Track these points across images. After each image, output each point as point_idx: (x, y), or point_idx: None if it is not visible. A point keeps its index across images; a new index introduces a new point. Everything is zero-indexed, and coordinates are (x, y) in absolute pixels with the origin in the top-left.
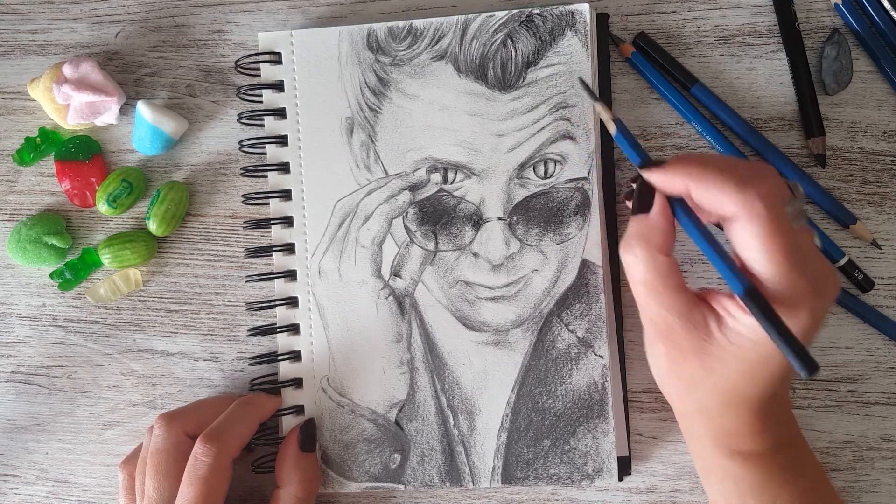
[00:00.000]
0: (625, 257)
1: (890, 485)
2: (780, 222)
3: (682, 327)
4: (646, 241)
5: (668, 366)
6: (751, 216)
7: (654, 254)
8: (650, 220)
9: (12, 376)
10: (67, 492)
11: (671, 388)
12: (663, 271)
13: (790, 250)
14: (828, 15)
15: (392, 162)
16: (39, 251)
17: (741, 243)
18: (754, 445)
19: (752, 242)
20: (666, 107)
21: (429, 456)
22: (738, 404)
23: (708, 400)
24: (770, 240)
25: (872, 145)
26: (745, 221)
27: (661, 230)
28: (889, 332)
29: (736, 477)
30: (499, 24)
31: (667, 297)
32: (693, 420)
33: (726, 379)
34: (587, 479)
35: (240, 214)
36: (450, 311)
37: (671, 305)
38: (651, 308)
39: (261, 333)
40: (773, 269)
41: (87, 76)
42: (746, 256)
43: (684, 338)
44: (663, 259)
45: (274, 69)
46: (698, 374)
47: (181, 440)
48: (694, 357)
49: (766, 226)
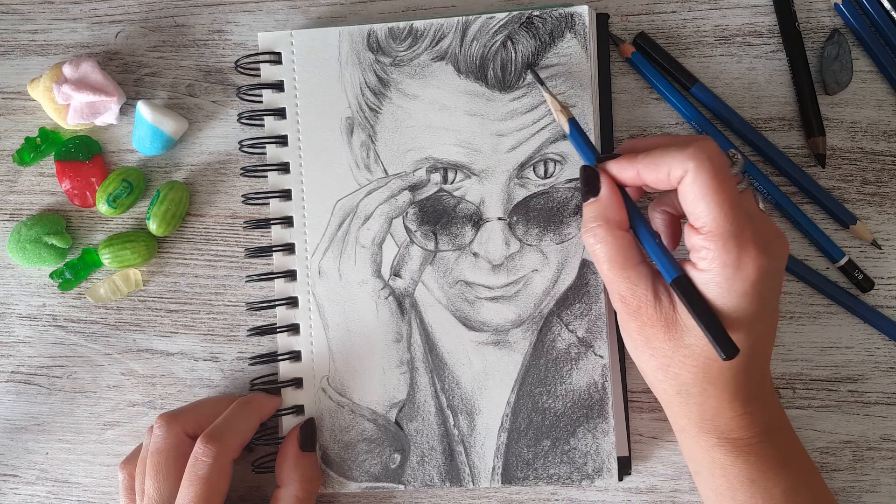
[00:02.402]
0: (586, 240)
1: (890, 485)
2: (723, 173)
3: (649, 299)
4: (603, 219)
5: (642, 344)
6: (697, 168)
7: (614, 230)
8: (602, 199)
9: (12, 376)
10: (67, 492)
11: (650, 370)
12: (625, 245)
13: (734, 202)
14: (828, 15)
15: (392, 162)
16: (39, 251)
17: (689, 200)
18: (740, 431)
19: (698, 192)
20: (666, 107)
21: (429, 456)
22: (714, 379)
23: (684, 376)
24: (715, 187)
25: (872, 145)
26: (692, 174)
27: (615, 207)
28: (889, 332)
29: (725, 468)
30: (499, 26)
31: (631, 270)
32: (675, 406)
33: (695, 348)
34: (587, 479)
35: (240, 214)
36: (450, 311)
37: (636, 278)
38: (618, 284)
39: (261, 333)
40: (718, 218)
41: (87, 76)
42: (695, 213)
43: (653, 309)
44: (622, 234)
45: (274, 69)
46: (669, 348)
47: (181, 440)
48: (663, 329)
49: (710, 172)
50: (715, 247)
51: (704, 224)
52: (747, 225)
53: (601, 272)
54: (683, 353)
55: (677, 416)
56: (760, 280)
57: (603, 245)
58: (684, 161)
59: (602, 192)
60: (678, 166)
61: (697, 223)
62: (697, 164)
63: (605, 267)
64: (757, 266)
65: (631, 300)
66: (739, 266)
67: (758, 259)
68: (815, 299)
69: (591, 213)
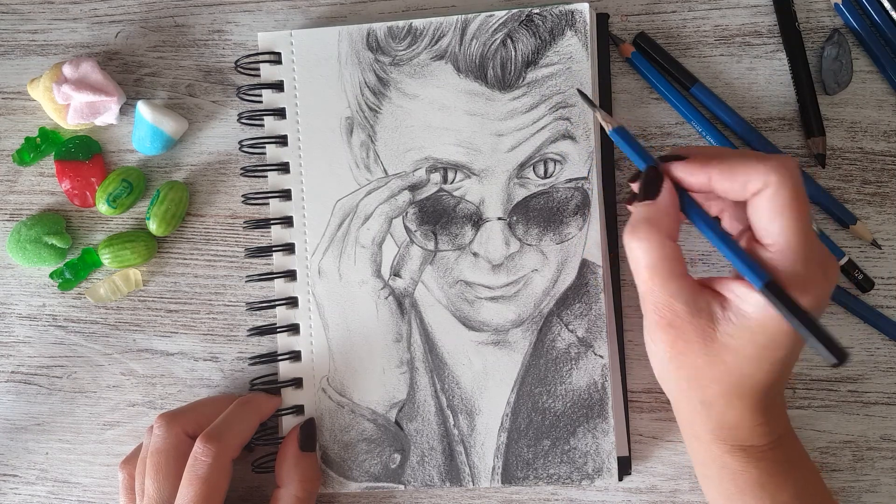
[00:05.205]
0: (629, 242)
1: (890, 485)
2: (804, 194)
3: (688, 314)
4: (653, 225)
5: (670, 356)
6: (779, 183)
7: (663, 238)
8: (658, 204)
9: (12, 376)
10: (67, 492)
11: (672, 380)
12: (671, 256)
13: (808, 224)
14: (828, 15)
15: (392, 162)
16: (39, 251)
17: (765, 215)
18: (755, 439)
19: (777, 208)
20: (666, 107)
21: (429, 456)
22: (743, 395)
23: (712, 390)
24: (795, 207)
25: (872, 145)
26: (773, 188)
27: (670, 215)
28: (889, 332)
29: (735, 473)
30: (498, 24)
31: (672, 283)
32: (694, 414)
33: (732, 366)
34: (587, 478)
35: (240, 214)
36: (450, 311)
37: (677, 291)
38: (655, 295)
39: (261, 333)
40: (792, 238)
41: (87, 76)
42: (768, 229)
43: (689, 324)
44: (672, 244)
45: (274, 69)
46: (702, 363)
47: (181, 440)
48: (699, 345)
49: (792, 191)
50: (785, 265)
51: (776, 242)
52: (816, 248)
53: (638, 279)
54: (719, 369)
55: (694, 424)
56: (820, 307)
57: (648, 252)
58: (766, 174)
59: (662, 196)
60: (758, 178)
61: (768, 240)
62: (780, 180)
63: (646, 275)
64: (820, 289)
65: (666, 312)
66: (803, 293)
67: (820, 283)
68: None
69: (641, 215)
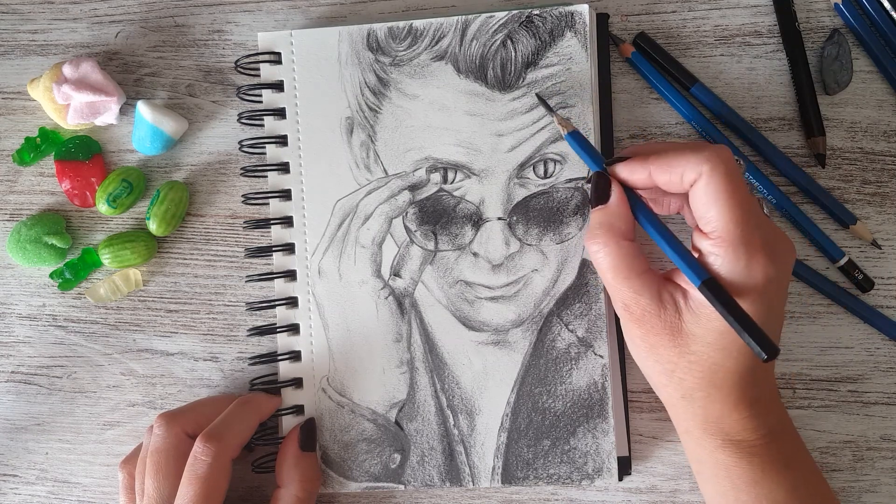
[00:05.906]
0: (589, 247)
1: (890, 485)
2: (737, 179)
3: (655, 307)
4: (608, 228)
5: (646, 351)
6: (711, 171)
7: (619, 240)
8: (610, 208)
9: (12, 376)
10: (67, 492)
11: (654, 374)
12: (630, 255)
13: (746, 207)
14: (828, 15)
15: (392, 162)
16: (39, 251)
17: (701, 204)
18: (745, 434)
19: (711, 195)
20: (666, 107)
21: (429, 456)
22: (720, 385)
23: (688, 382)
24: (728, 191)
25: (872, 145)
26: (706, 177)
27: (623, 216)
28: (889, 332)
29: (729, 468)
30: (498, 25)
31: (635, 280)
32: (679, 409)
33: (701, 355)
34: (587, 478)
35: (240, 214)
36: (450, 311)
37: (640, 287)
38: (623, 293)
39: (261, 333)
40: (729, 223)
41: (87, 76)
42: (706, 217)
43: (657, 318)
44: (628, 244)
45: (274, 69)
46: (674, 354)
47: (181, 440)
48: (668, 338)
49: (724, 177)
50: (724, 252)
51: (715, 229)
52: (757, 231)
53: (604, 280)
54: (689, 359)
55: (681, 419)
56: (768, 286)
57: (606, 254)
58: (699, 164)
59: (612, 200)
60: (692, 169)
61: (707, 228)
62: (712, 168)
63: (609, 276)
64: (765, 273)
65: (635, 308)
66: (748, 272)
67: (766, 266)
68: (816, 299)
69: (597, 220)
